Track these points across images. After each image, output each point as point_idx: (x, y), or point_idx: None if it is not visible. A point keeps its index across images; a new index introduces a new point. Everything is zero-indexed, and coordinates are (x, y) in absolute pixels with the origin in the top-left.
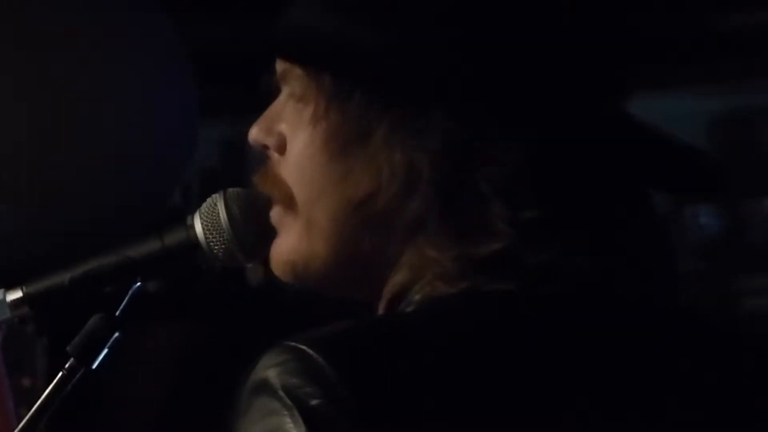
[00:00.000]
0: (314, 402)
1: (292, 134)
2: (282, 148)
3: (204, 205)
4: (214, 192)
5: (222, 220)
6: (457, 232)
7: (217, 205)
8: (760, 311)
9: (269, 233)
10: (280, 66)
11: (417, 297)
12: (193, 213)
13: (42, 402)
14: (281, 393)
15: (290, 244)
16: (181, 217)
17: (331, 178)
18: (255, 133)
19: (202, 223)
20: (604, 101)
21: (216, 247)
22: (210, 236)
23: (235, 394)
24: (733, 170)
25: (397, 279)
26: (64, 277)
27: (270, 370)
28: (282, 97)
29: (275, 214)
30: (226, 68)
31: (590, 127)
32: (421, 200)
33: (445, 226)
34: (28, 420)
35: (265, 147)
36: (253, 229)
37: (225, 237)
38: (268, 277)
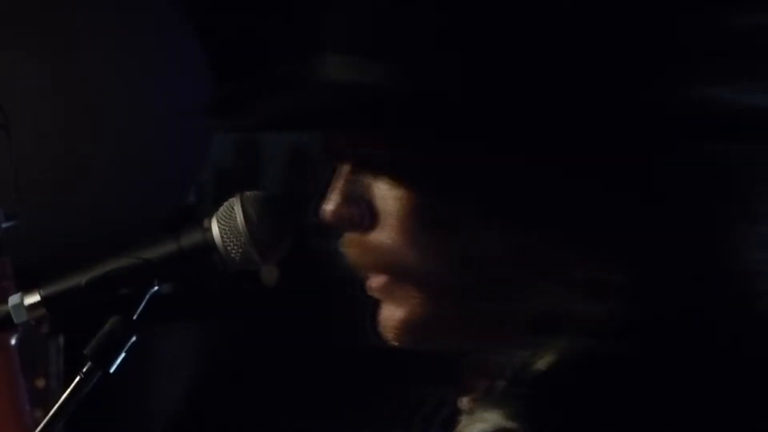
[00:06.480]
0: None
1: (383, 202)
2: (372, 219)
3: (221, 208)
4: (229, 191)
5: (239, 223)
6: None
7: (234, 208)
8: None
9: (285, 236)
10: (334, 140)
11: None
12: (208, 214)
13: (59, 405)
14: None
15: (409, 313)
16: (195, 216)
17: (441, 234)
18: (337, 209)
19: (219, 227)
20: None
21: (233, 250)
22: (227, 239)
23: (253, 393)
24: None
25: (536, 304)
26: (80, 279)
27: None
28: (348, 168)
29: (378, 284)
30: (243, 67)
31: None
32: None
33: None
34: (45, 423)
35: (351, 223)
36: (270, 232)
37: (242, 240)
38: (282, 279)
